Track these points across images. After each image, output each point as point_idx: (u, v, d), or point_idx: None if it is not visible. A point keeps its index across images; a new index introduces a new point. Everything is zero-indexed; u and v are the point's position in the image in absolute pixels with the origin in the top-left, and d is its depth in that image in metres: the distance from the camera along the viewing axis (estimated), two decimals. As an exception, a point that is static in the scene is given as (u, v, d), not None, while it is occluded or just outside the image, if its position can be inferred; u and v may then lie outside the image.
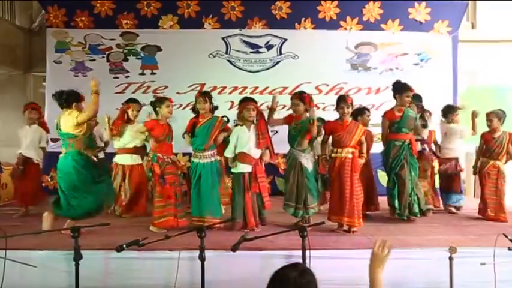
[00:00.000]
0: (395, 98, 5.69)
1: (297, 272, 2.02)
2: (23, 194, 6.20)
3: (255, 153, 5.15)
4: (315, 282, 2.06)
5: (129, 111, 6.00)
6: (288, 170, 5.29)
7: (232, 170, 5.20)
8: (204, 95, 5.23)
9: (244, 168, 5.13)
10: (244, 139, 5.12)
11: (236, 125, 5.31)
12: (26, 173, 6.19)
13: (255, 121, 5.20)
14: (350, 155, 5.10)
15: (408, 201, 5.55)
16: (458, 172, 6.43)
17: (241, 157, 5.12)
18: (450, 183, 6.38)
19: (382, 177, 7.84)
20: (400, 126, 5.64)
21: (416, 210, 5.57)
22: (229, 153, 5.16)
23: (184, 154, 7.72)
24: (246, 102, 5.20)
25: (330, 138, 5.32)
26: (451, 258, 3.65)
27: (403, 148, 5.61)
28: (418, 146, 6.18)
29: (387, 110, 5.79)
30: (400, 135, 5.65)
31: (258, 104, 5.38)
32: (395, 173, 5.63)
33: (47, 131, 6.48)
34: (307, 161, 5.19)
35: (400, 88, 5.63)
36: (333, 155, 5.19)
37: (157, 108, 5.14)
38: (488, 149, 5.95)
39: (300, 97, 5.26)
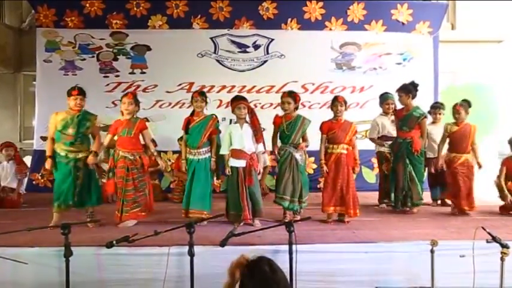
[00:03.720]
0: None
1: (269, 267, 2.06)
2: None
3: (249, 149, 5.22)
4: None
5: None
6: (281, 165, 5.32)
7: (230, 165, 5.27)
8: (202, 94, 5.40)
9: (238, 163, 5.21)
10: (236, 136, 5.22)
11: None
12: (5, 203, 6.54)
13: (247, 119, 5.31)
14: (345, 151, 5.33)
15: (403, 195, 5.89)
16: None
17: (235, 153, 5.20)
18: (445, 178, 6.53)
19: (366, 174, 8.11)
20: (401, 125, 5.93)
21: (409, 203, 5.91)
22: (224, 150, 5.26)
23: (173, 152, 7.90)
24: (236, 101, 5.30)
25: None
26: (432, 251, 3.70)
27: (402, 145, 5.89)
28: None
29: (398, 109, 6.11)
30: (401, 132, 5.96)
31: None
32: (392, 167, 6.09)
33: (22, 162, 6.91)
34: (301, 157, 5.34)
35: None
36: (328, 150, 5.37)
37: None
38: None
39: (293, 96, 5.39)
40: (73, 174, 5.01)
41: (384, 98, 6.53)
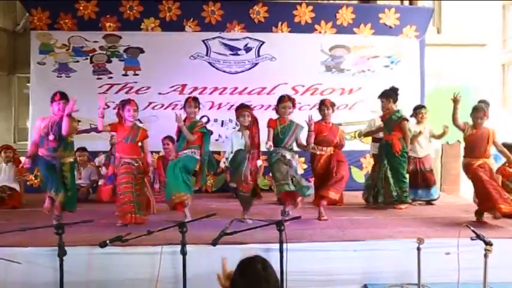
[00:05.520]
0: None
1: (261, 265, 2.09)
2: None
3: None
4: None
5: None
6: (274, 162, 5.30)
7: None
8: (196, 100, 5.42)
9: None
10: (238, 142, 5.43)
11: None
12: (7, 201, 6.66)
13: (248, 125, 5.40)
14: (332, 152, 5.59)
15: (375, 191, 6.32)
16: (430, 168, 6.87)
17: None
18: (426, 178, 6.79)
19: (355, 173, 8.27)
20: (384, 127, 6.37)
21: (380, 200, 6.28)
22: (228, 154, 5.51)
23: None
24: (241, 109, 5.42)
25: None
26: (418, 249, 3.77)
27: (382, 147, 6.31)
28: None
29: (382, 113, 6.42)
30: (384, 135, 6.36)
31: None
32: (373, 166, 6.54)
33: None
34: (292, 158, 5.43)
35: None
36: (318, 152, 5.55)
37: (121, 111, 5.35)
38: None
39: (292, 100, 5.46)
40: (59, 171, 5.04)
41: None
